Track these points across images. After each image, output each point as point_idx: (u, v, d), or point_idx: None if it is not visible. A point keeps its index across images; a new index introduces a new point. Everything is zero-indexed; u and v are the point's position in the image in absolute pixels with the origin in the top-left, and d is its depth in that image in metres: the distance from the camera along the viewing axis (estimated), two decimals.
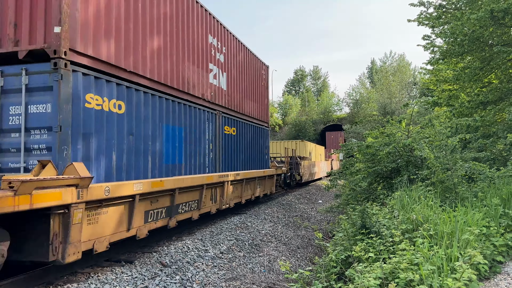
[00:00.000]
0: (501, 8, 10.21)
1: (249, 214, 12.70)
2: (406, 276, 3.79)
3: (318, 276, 5.41)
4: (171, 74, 8.69)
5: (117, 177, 6.76)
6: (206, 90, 10.58)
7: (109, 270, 6.42)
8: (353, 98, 72.90)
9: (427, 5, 13.66)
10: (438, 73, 16.83)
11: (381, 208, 7.16)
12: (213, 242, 8.77)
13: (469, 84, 14.11)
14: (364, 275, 3.99)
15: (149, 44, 7.80)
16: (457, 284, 3.50)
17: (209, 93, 10.75)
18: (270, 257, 8.74)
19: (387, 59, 76.39)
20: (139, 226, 7.15)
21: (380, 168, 10.30)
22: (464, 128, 12.15)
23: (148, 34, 7.78)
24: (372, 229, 5.94)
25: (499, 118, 13.51)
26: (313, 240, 10.90)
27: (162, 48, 8.31)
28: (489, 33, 11.57)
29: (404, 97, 62.85)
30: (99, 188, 5.84)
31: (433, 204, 6.23)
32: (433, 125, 9.03)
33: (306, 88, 77.84)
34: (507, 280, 4.24)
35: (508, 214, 5.62)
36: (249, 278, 7.16)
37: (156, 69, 8.08)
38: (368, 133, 13.60)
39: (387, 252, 4.85)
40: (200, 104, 10.17)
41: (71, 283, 5.75)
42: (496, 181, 7.25)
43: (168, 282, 6.25)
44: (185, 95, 9.34)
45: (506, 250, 4.97)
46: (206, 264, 7.42)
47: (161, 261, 7.07)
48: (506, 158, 9.23)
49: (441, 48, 14.15)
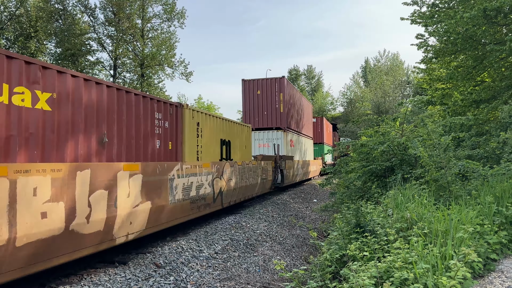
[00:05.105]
0: (493, 7, 10.27)
1: (244, 213, 12.68)
2: (400, 275, 3.78)
3: (313, 275, 5.40)
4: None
5: None
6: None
7: (102, 271, 6.37)
8: (348, 98, 73.22)
9: (420, 4, 13.74)
10: (431, 72, 16.92)
11: (375, 206, 7.16)
12: (207, 242, 8.74)
13: (462, 83, 14.20)
14: (359, 274, 3.98)
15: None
16: (452, 282, 3.50)
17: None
18: (265, 256, 8.72)
19: (381, 58, 76.73)
20: None
21: (374, 167, 10.32)
22: (458, 127, 12.21)
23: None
24: (366, 228, 5.94)
25: (492, 116, 13.60)
26: (308, 239, 10.89)
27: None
28: (482, 32, 11.65)
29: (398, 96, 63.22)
30: None
31: (427, 203, 6.24)
32: (425, 124, 9.07)
33: (301, 87, 77.96)
34: (501, 278, 4.24)
35: (501, 212, 5.63)
36: (244, 278, 7.13)
37: None
38: (362, 132, 13.63)
39: (382, 251, 4.84)
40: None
41: (63, 284, 5.69)
42: (490, 179, 7.28)
43: (162, 283, 6.21)
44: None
45: (500, 247, 4.98)
46: (201, 264, 7.38)
47: (155, 262, 7.02)
48: (499, 156, 9.27)
49: (434, 47, 14.22)
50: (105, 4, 37.61)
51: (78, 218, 5.60)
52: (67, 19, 36.36)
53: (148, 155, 8.17)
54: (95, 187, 6.00)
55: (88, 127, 6.51)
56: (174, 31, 42.19)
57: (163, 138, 8.77)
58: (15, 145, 5.24)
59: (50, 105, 5.77)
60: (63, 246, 5.40)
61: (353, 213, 6.76)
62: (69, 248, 5.51)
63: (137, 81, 39.87)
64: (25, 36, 33.91)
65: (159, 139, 8.60)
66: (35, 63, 5.57)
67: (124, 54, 39.52)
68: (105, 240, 6.28)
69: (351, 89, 74.54)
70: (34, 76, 5.55)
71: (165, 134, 8.85)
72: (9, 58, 5.23)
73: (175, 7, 39.90)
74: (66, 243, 5.43)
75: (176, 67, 40.79)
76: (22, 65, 5.38)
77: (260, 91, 22.00)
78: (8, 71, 5.21)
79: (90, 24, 38.44)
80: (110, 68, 39.76)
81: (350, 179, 11.54)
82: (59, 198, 5.27)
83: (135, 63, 39.75)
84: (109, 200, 6.29)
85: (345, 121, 61.07)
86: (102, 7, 37.90)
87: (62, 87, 6.00)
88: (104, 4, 37.68)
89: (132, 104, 7.66)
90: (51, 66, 5.84)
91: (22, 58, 5.41)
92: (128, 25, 37.38)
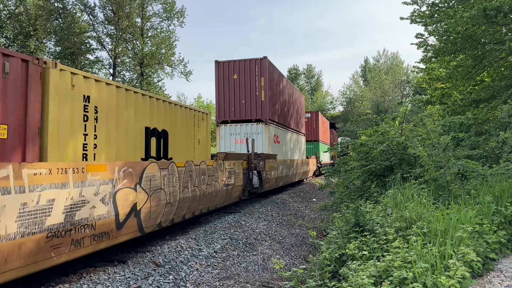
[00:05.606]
0: (493, 6, 10.28)
1: (243, 213, 12.68)
2: (399, 274, 3.78)
3: (312, 275, 5.40)
4: None
5: None
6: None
7: (101, 270, 6.37)
8: (347, 97, 73.27)
9: (420, 3, 13.74)
10: (431, 72, 16.94)
11: (374, 206, 7.16)
12: (207, 241, 8.74)
13: (462, 82, 14.22)
14: (358, 273, 3.98)
15: None
16: (451, 281, 3.50)
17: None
18: (264, 255, 8.72)
19: (380, 58, 76.79)
20: None
21: (373, 166, 10.33)
22: (457, 126, 12.22)
23: None
24: (365, 227, 5.94)
25: (491, 116, 13.61)
26: (307, 239, 10.90)
27: None
28: (481, 31, 11.65)
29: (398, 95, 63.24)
30: None
31: (426, 202, 6.24)
32: (424, 124, 9.08)
33: (300, 86, 77.96)
34: (500, 277, 4.25)
35: (500, 212, 5.64)
36: (243, 277, 7.14)
37: None
38: (362, 132, 13.64)
39: (381, 250, 4.85)
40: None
41: (63, 283, 5.69)
42: (489, 178, 7.28)
43: (162, 282, 6.21)
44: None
45: (499, 247, 4.99)
46: (200, 263, 7.38)
47: (154, 261, 7.02)
48: (498, 155, 9.29)
49: (434, 46, 14.23)
50: (105, 2, 37.60)
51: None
52: (67, 18, 36.36)
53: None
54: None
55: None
56: (174, 30, 42.21)
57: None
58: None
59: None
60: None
61: (352, 212, 6.77)
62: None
63: (136, 80, 39.88)
64: (25, 35, 33.90)
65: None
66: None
67: (124, 52, 39.52)
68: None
69: (351, 88, 74.60)
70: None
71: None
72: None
73: (174, 6, 39.90)
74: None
75: (175, 66, 40.81)
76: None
77: (237, 75, 17.82)
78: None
79: (89, 23, 38.43)
80: (110, 67, 39.77)
81: (350, 179, 11.54)
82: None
83: (134, 62, 39.75)
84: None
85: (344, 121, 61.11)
86: (102, 6, 37.90)
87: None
88: (104, 2, 37.68)
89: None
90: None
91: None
92: (127, 23, 37.37)
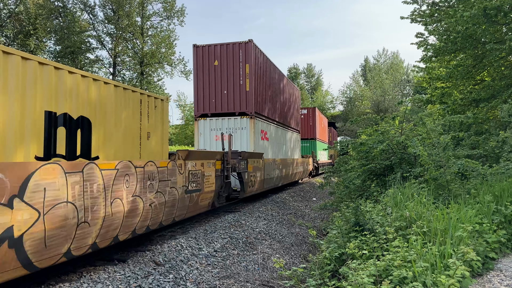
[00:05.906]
0: (493, 5, 10.27)
1: (243, 212, 12.68)
2: (399, 273, 3.79)
3: (312, 274, 5.41)
4: None
5: None
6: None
7: (102, 269, 6.37)
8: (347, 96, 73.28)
9: (420, 3, 13.72)
10: (431, 71, 16.93)
11: (374, 205, 7.17)
12: (207, 240, 8.74)
13: (462, 82, 14.22)
14: (358, 273, 3.99)
15: None
16: (451, 281, 3.51)
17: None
18: (264, 255, 8.73)
19: (380, 57, 76.74)
20: None
21: (373, 166, 10.33)
22: (457, 126, 12.22)
23: None
24: (365, 227, 5.95)
25: (492, 115, 13.62)
26: (307, 238, 10.92)
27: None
28: (481, 31, 11.65)
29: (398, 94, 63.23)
30: None
31: (426, 201, 6.24)
32: (424, 123, 9.08)
33: (300, 86, 77.94)
34: (500, 276, 4.25)
35: (500, 211, 5.64)
36: (243, 276, 7.14)
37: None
38: (362, 131, 13.64)
39: (381, 250, 4.85)
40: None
41: (63, 282, 5.69)
42: (489, 178, 7.29)
43: (162, 281, 6.21)
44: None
45: (499, 246, 4.99)
46: (200, 262, 7.39)
47: (154, 260, 7.03)
48: (498, 155, 9.29)
49: (434, 45, 14.22)
50: (105, 1, 37.58)
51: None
52: (67, 17, 36.34)
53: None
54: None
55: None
56: (174, 29, 42.19)
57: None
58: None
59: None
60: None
61: (352, 212, 6.77)
62: None
63: (136, 79, 39.87)
64: (25, 34, 33.87)
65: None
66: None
67: (124, 52, 39.53)
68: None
69: (351, 87, 74.62)
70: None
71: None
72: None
73: (174, 5, 39.88)
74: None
75: (175, 65, 40.81)
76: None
77: (218, 61, 15.34)
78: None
79: (89, 22, 38.42)
80: (110, 66, 39.76)
81: (350, 178, 11.54)
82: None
83: (134, 61, 39.75)
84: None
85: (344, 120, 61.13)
86: (102, 5, 37.89)
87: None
88: (104, 1, 37.66)
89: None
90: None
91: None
92: (127, 23, 37.37)
